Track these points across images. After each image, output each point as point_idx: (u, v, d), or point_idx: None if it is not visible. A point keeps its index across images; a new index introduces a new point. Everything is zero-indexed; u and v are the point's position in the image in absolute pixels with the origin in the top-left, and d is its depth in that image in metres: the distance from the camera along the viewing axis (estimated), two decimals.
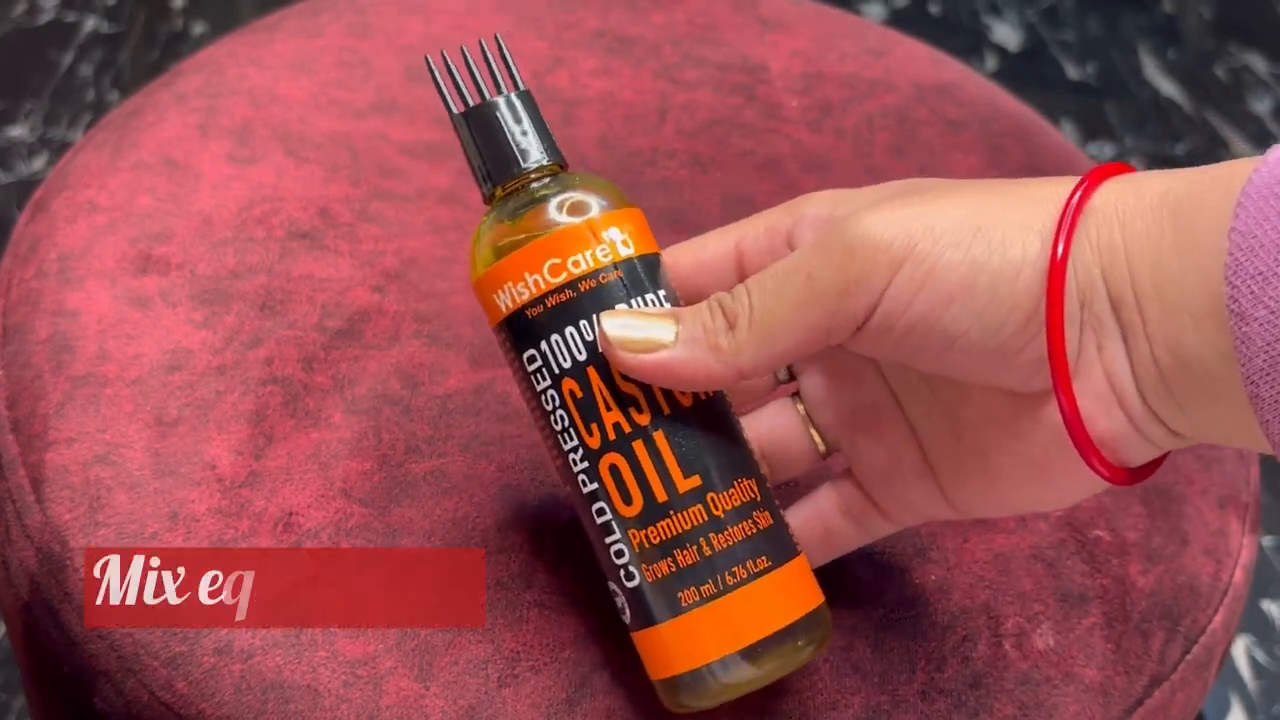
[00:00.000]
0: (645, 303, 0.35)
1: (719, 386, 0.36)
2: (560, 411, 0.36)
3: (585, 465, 0.35)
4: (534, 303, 0.35)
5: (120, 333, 0.46)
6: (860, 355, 0.37)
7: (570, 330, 0.35)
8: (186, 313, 0.47)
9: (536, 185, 0.37)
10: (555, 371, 0.35)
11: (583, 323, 0.35)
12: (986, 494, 0.36)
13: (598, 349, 0.35)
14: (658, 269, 0.36)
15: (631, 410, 0.35)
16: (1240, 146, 1.36)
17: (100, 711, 0.40)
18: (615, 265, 0.35)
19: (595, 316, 0.35)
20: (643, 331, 0.34)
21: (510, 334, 0.36)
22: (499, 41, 0.38)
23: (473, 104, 0.37)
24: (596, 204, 0.36)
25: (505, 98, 0.37)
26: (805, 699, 0.39)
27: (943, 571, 0.43)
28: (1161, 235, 0.30)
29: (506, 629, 0.40)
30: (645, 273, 0.36)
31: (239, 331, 0.47)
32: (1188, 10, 1.58)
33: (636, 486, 0.35)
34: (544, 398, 0.36)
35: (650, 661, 0.36)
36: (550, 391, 0.36)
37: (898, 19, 1.52)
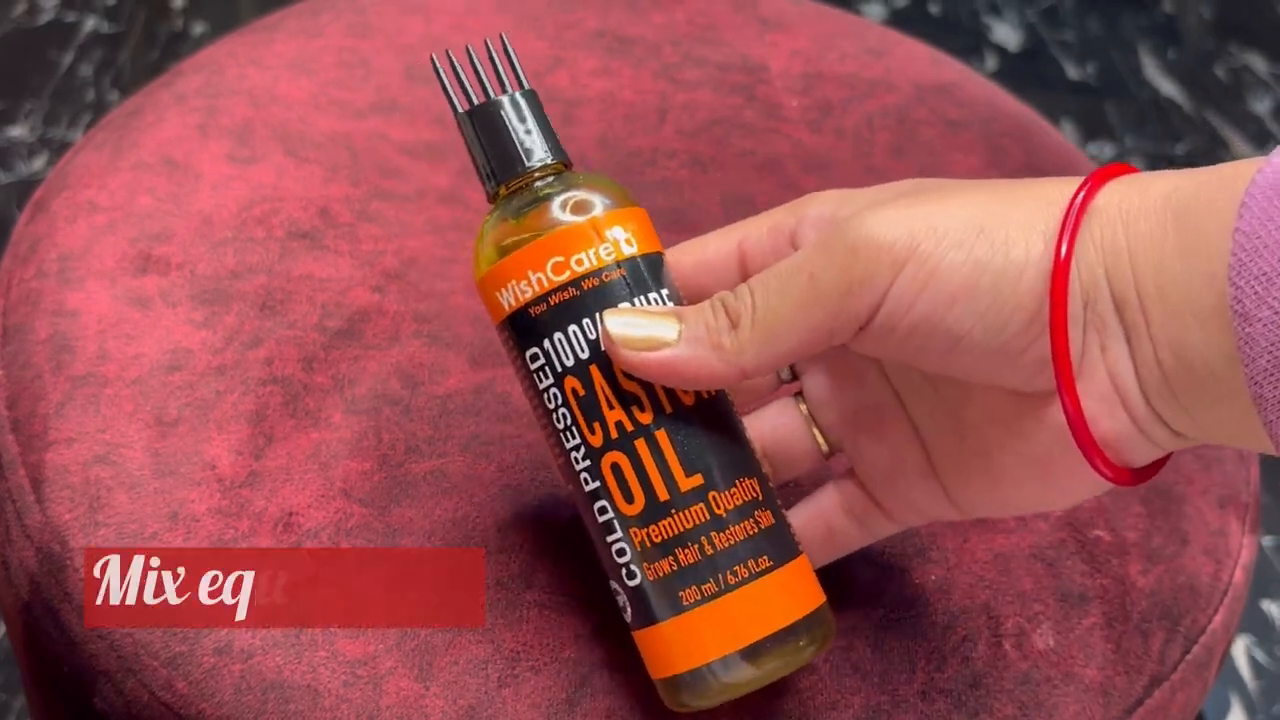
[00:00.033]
0: (648, 301, 0.35)
1: (721, 385, 0.36)
2: (562, 410, 0.36)
3: (587, 464, 0.35)
4: (537, 301, 0.35)
5: (120, 333, 0.46)
6: (863, 355, 0.37)
7: (573, 328, 0.35)
8: (186, 313, 0.47)
9: (540, 184, 0.37)
10: (558, 370, 0.35)
11: (585, 321, 0.35)
12: (989, 494, 0.36)
13: (600, 347, 0.35)
14: (661, 268, 0.36)
15: (634, 409, 0.35)
16: (1240, 146, 1.36)
17: (100, 711, 0.40)
18: (618, 264, 0.35)
19: (598, 315, 0.35)
20: (645, 330, 0.34)
21: (513, 332, 0.36)
22: (504, 41, 0.38)
23: (477, 103, 0.37)
24: (600, 203, 0.36)
25: (510, 97, 0.37)
26: (805, 699, 0.39)
27: (943, 571, 0.43)
28: (1165, 236, 0.30)
29: (506, 629, 0.40)
30: (648, 271, 0.36)
31: (239, 331, 0.47)
32: (1188, 10, 1.58)
33: (638, 485, 0.35)
34: (546, 396, 0.36)
35: (651, 660, 0.36)
36: (553, 390, 0.36)
37: (898, 19, 1.52)
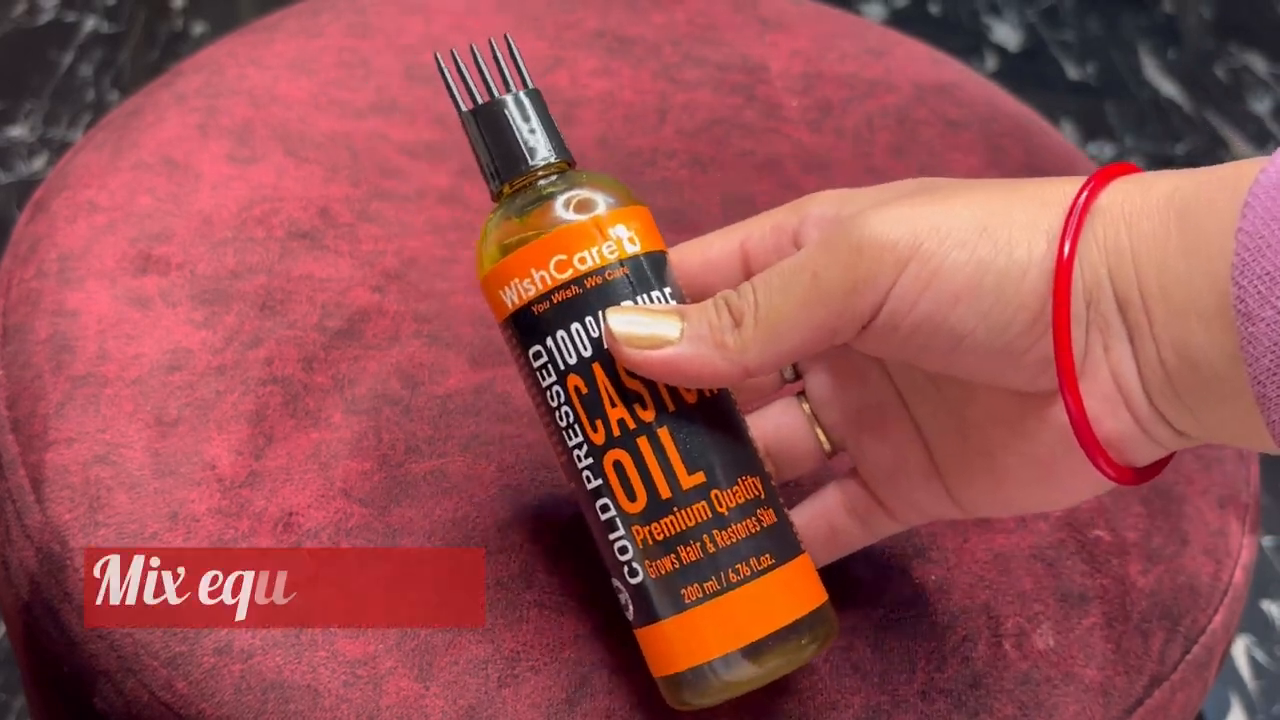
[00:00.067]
0: (651, 300, 0.35)
1: (724, 384, 0.36)
2: (565, 408, 0.36)
3: (590, 461, 0.35)
4: (540, 299, 0.35)
5: (120, 333, 0.46)
6: (866, 354, 0.37)
7: (576, 327, 0.35)
8: (186, 313, 0.47)
9: (544, 183, 0.37)
10: (561, 367, 0.35)
11: (589, 319, 0.35)
12: (992, 493, 0.36)
13: (603, 345, 0.35)
14: (664, 267, 0.36)
15: (636, 407, 0.35)
16: (1240, 146, 1.36)
17: (100, 711, 0.40)
18: (621, 262, 0.35)
19: (601, 313, 0.35)
20: (648, 328, 0.34)
21: (516, 330, 0.36)
22: (508, 40, 0.38)
23: (481, 102, 0.37)
24: (603, 201, 0.36)
25: (514, 95, 0.37)
26: (805, 699, 0.39)
27: (943, 571, 0.43)
28: (1168, 236, 0.30)
29: (506, 629, 0.40)
30: (651, 270, 0.36)
31: (239, 331, 0.47)
32: (1188, 10, 1.58)
33: (640, 483, 0.35)
34: (549, 394, 0.36)
35: (653, 658, 0.36)
36: (555, 387, 0.36)
37: (898, 19, 1.52)
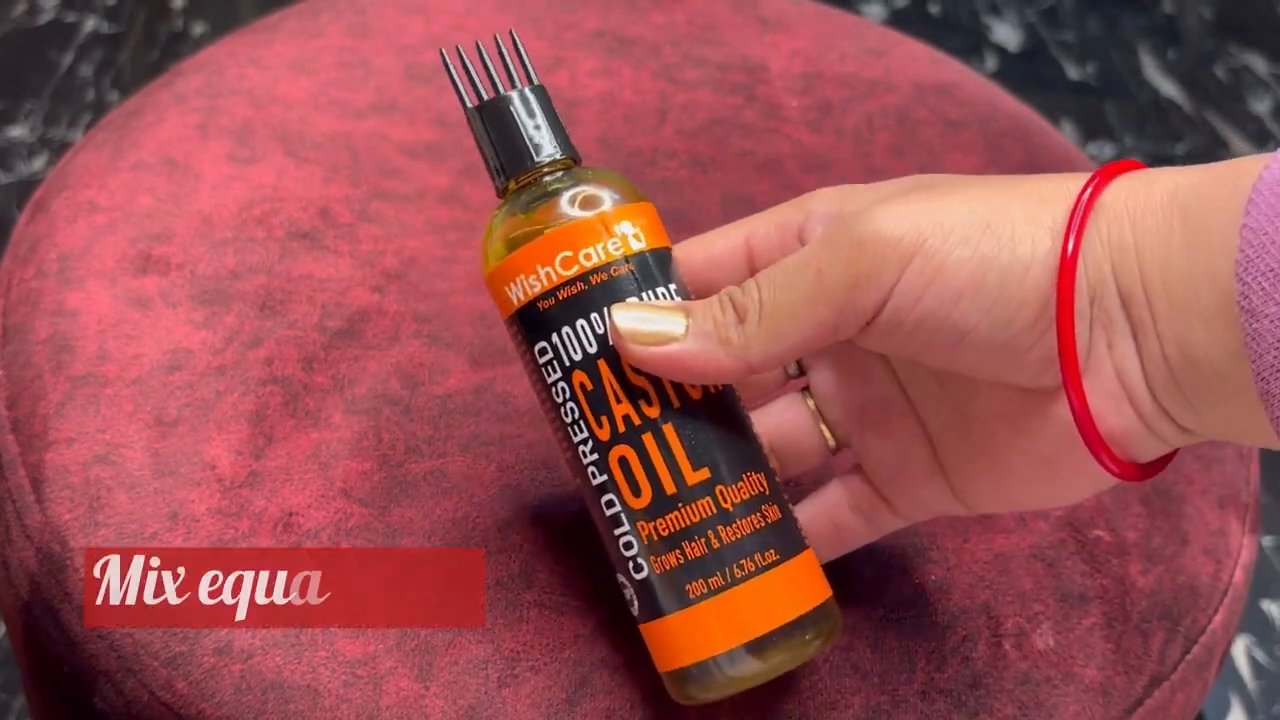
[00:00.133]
0: (656, 296, 0.35)
1: (728, 380, 0.36)
2: (570, 404, 0.36)
3: (595, 457, 0.36)
4: (545, 295, 0.35)
5: (120, 333, 0.46)
6: (870, 351, 0.37)
7: (581, 323, 0.35)
8: (186, 313, 0.47)
9: (549, 179, 0.37)
10: (566, 364, 0.36)
11: (594, 315, 0.35)
12: (996, 490, 0.36)
13: (608, 342, 0.35)
14: (669, 263, 0.37)
15: (641, 403, 0.35)
16: (1240, 146, 1.36)
17: (100, 711, 0.40)
18: (626, 259, 0.35)
19: (606, 309, 0.35)
20: (653, 324, 0.34)
21: (522, 326, 0.36)
22: (513, 37, 0.38)
23: (487, 98, 0.37)
24: (609, 198, 0.36)
25: (519, 92, 0.37)
26: (805, 699, 0.39)
27: (943, 571, 0.43)
28: (1171, 232, 0.30)
29: (506, 629, 0.40)
30: (656, 266, 0.36)
31: (239, 331, 0.47)
32: (1188, 10, 1.58)
33: (645, 479, 0.35)
34: (554, 390, 0.36)
35: (657, 653, 0.36)
36: (561, 384, 0.36)
37: (898, 19, 1.52)
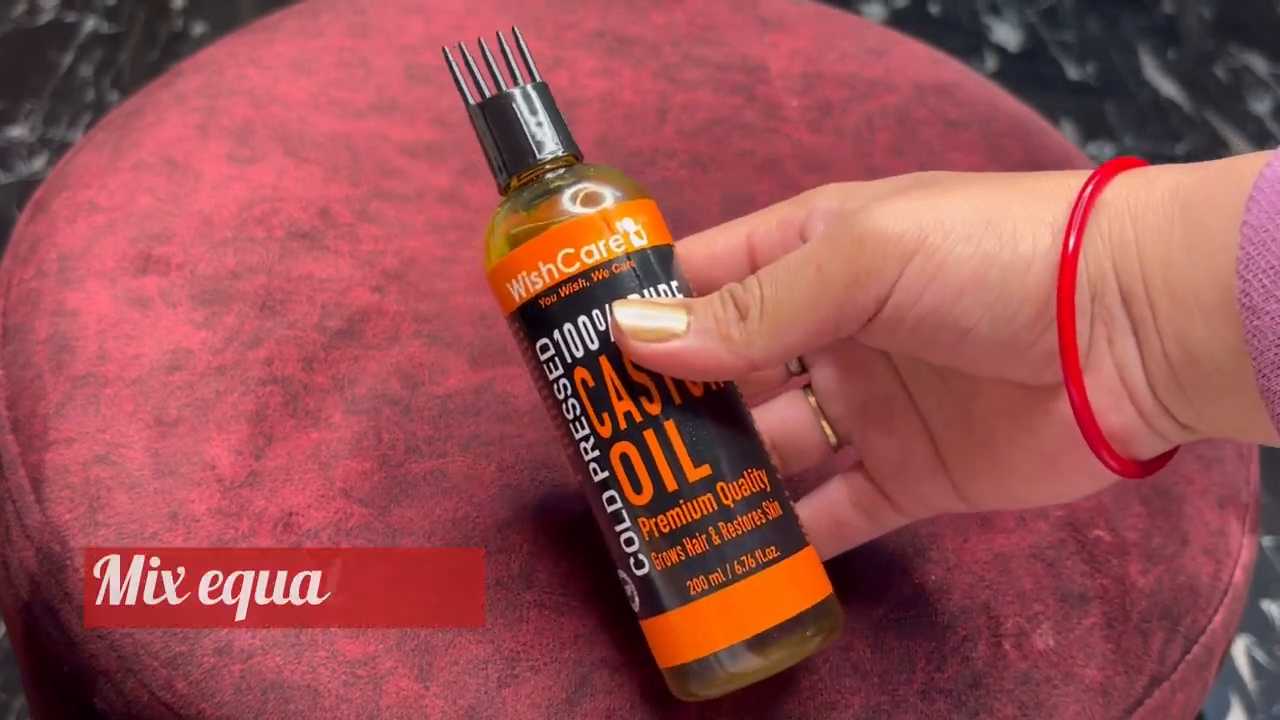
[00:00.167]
0: (658, 293, 0.36)
1: (730, 377, 0.36)
2: (572, 400, 0.36)
3: (596, 454, 0.36)
4: (547, 292, 0.35)
5: (120, 333, 0.46)
6: (872, 348, 0.37)
7: (583, 319, 0.35)
8: (186, 313, 0.47)
9: (551, 176, 0.37)
10: (568, 360, 0.36)
11: (595, 312, 0.35)
12: (997, 487, 0.36)
13: (610, 338, 0.35)
14: (670, 260, 0.37)
15: (643, 399, 0.35)
16: (1240, 146, 1.36)
17: (100, 711, 0.40)
18: (628, 256, 0.35)
19: (608, 306, 0.35)
20: (655, 321, 0.34)
21: (523, 323, 0.36)
22: (516, 34, 0.38)
23: (489, 95, 0.37)
24: (610, 195, 0.36)
25: (521, 89, 0.37)
26: (805, 699, 0.39)
27: (943, 571, 0.43)
28: (1172, 230, 0.30)
29: (506, 629, 0.40)
30: (658, 263, 0.36)
31: (239, 331, 0.47)
32: (1188, 10, 1.58)
33: (647, 475, 0.35)
34: (556, 387, 0.36)
35: (658, 649, 0.36)
36: (562, 380, 0.36)
37: (898, 19, 1.52)
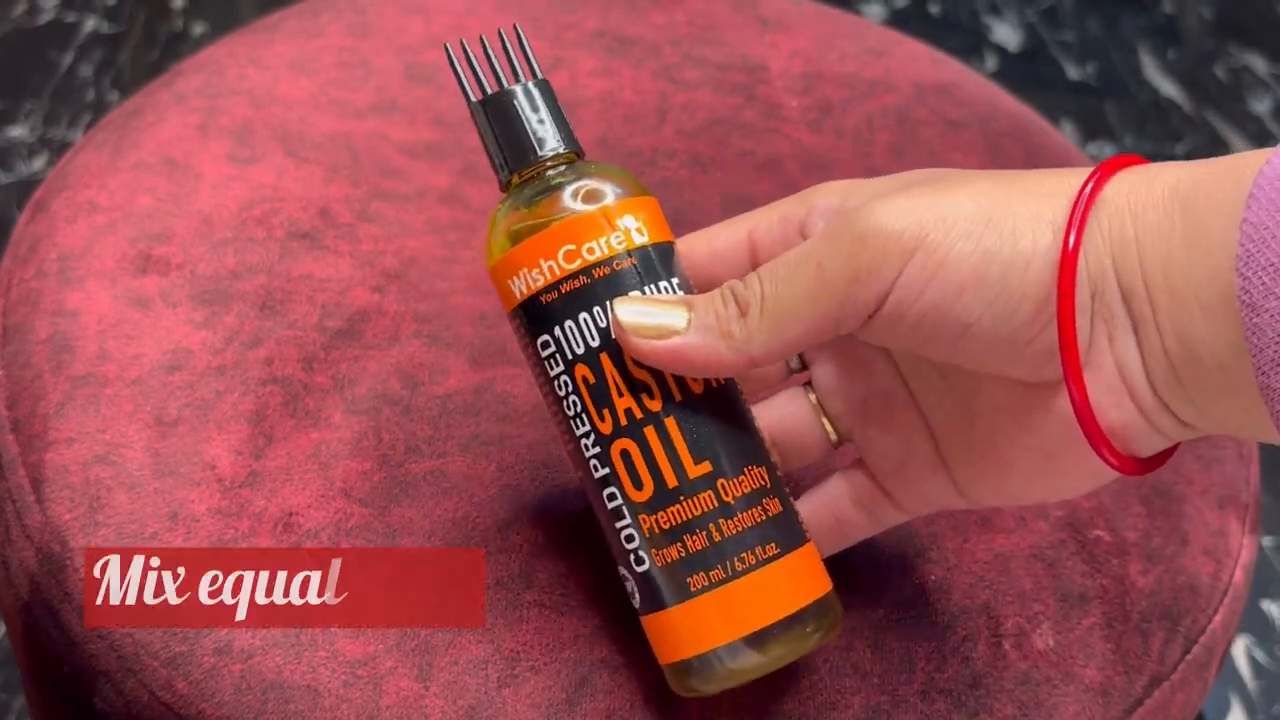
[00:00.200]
0: (658, 290, 0.36)
1: (730, 373, 0.36)
2: (573, 397, 0.36)
3: (597, 450, 0.36)
4: (549, 289, 0.36)
5: (120, 333, 0.46)
6: (872, 344, 0.37)
7: (584, 316, 0.35)
8: (186, 313, 0.47)
9: (552, 172, 0.37)
10: (569, 357, 0.36)
11: (596, 309, 0.35)
12: (998, 484, 0.36)
13: (611, 335, 0.35)
14: (671, 257, 0.37)
15: (643, 396, 0.35)
16: (1240, 146, 1.36)
17: (100, 711, 0.40)
18: (629, 253, 0.36)
19: (609, 303, 0.35)
20: (656, 318, 0.34)
21: (525, 319, 0.36)
22: (518, 31, 0.38)
23: (490, 92, 0.37)
24: (612, 192, 0.36)
25: (523, 86, 0.37)
26: (805, 699, 0.39)
27: (943, 571, 0.43)
28: (1172, 227, 0.30)
29: (506, 629, 0.40)
30: (659, 260, 0.36)
31: (239, 331, 0.47)
32: (1188, 10, 1.58)
33: (647, 472, 0.35)
34: (557, 383, 0.36)
35: (659, 645, 0.36)
36: (563, 377, 0.36)
37: (898, 19, 1.52)
